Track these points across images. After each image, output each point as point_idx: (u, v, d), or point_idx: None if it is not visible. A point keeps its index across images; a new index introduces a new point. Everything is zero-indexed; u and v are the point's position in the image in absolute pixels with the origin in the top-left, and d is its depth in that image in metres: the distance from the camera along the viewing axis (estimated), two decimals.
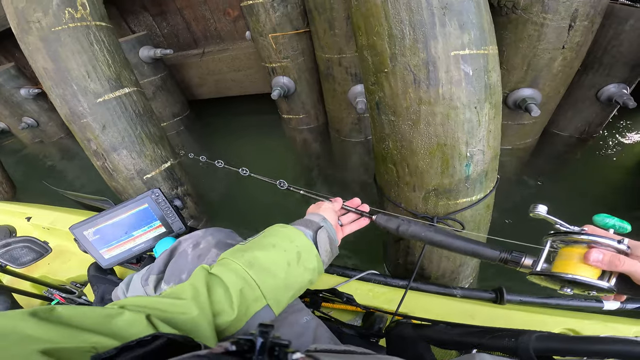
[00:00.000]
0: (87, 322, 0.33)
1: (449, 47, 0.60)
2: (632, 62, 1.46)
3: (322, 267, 0.60)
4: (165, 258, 0.64)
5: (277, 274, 0.52)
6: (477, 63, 0.62)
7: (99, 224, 0.85)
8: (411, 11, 0.59)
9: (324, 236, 0.61)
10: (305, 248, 0.57)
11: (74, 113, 1.34)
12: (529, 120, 1.62)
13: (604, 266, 0.43)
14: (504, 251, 0.58)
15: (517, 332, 0.49)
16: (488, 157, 0.79)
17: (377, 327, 0.84)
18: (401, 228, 0.68)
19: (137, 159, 1.48)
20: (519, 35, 1.30)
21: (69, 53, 1.25)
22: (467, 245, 0.62)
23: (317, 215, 0.66)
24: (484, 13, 0.60)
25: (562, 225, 0.48)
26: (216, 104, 3.05)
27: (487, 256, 0.60)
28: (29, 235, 1.05)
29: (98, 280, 0.96)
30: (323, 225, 0.63)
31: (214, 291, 0.46)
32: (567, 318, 0.79)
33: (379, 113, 0.80)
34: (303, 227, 0.61)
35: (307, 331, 0.59)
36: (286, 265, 0.53)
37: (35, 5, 1.18)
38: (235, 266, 0.50)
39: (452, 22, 0.58)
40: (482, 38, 0.61)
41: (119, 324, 0.35)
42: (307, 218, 0.66)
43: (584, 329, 0.77)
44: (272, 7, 1.75)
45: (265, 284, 0.50)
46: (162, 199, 0.90)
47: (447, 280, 1.12)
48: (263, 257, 0.52)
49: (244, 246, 0.56)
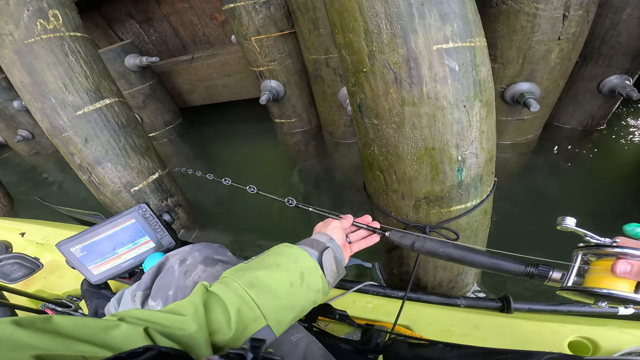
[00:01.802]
0: (83, 333, 0.33)
1: (430, 41, 0.53)
2: (632, 52, 1.40)
3: (327, 288, 0.58)
4: (152, 274, 0.65)
5: (278, 295, 0.51)
6: (464, 57, 0.56)
7: (86, 240, 0.85)
8: (386, 3, 0.52)
9: (329, 257, 0.60)
10: (310, 269, 0.56)
11: (55, 127, 1.31)
12: (529, 115, 1.55)
13: (632, 277, 0.41)
14: (530, 265, 0.55)
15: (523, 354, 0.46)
16: (482, 160, 0.73)
17: (374, 342, 0.79)
18: (416, 245, 0.65)
19: (123, 172, 1.45)
20: (512, 27, 1.24)
21: (44, 65, 1.22)
22: (489, 260, 0.59)
23: (324, 235, 0.64)
24: (467, 2, 0.54)
25: (592, 238, 0.46)
26: (208, 110, 3.01)
27: (512, 271, 0.56)
28: (20, 252, 1.08)
29: (91, 294, 0.96)
30: (330, 245, 0.61)
31: (212, 309, 0.46)
32: (580, 325, 0.74)
33: (362, 116, 0.74)
34: (309, 247, 0.60)
35: (296, 349, 0.58)
36: (289, 286, 0.52)
37: (6, 18, 1.16)
38: (236, 286, 0.49)
39: (432, 12, 0.51)
40: (466, 29, 0.54)
41: (115, 336, 0.35)
42: (313, 238, 0.64)
43: (600, 336, 0.72)
44: (255, 9, 1.70)
45: (266, 304, 0.49)
46: (149, 214, 0.89)
47: (444, 289, 1.06)
48: (265, 276, 0.51)
49: (246, 265, 0.55)
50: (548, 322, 0.77)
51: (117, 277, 0.92)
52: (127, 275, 0.96)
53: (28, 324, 0.31)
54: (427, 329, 0.81)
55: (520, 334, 0.76)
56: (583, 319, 0.77)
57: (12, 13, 1.15)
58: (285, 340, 0.59)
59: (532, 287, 1.20)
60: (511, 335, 0.76)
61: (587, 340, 0.72)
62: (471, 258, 0.60)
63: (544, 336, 0.74)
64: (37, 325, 0.31)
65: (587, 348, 0.72)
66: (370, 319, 0.86)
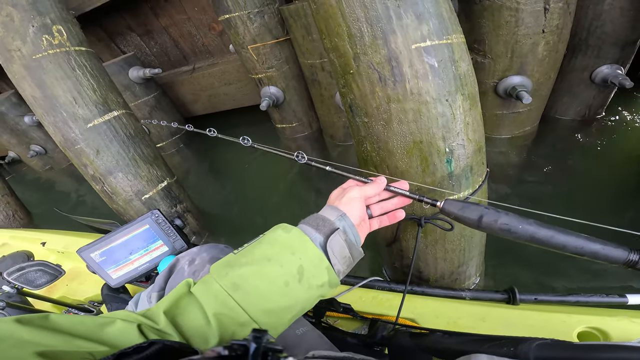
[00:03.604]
0: (80, 330, 0.33)
1: (409, 41, 0.57)
2: (620, 42, 1.41)
3: (337, 279, 0.49)
4: (164, 275, 0.66)
5: (269, 298, 0.44)
6: (442, 54, 0.59)
7: (104, 246, 0.90)
8: (365, 7, 0.56)
9: (338, 241, 0.49)
10: (312, 260, 0.47)
11: (67, 139, 1.36)
12: (524, 108, 1.57)
13: None
14: (633, 252, 0.44)
15: (517, 339, 0.45)
16: (470, 150, 0.76)
17: (379, 335, 0.81)
18: (485, 219, 0.49)
19: (134, 181, 1.50)
20: (497, 22, 1.27)
21: (53, 80, 1.27)
22: (584, 243, 0.46)
23: (335, 210, 0.53)
24: (441, 1, 0.58)
25: None
26: (212, 119, 3.07)
27: (611, 258, 0.45)
28: (42, 260, 1.11)
29: (111, 299, 1.01)
30: (339, 226, 0.50)
31: (186, 313, 0.42)
32: (589, 316, 0.72)
33: (353, 115, 0.78)
34: (312, 228, 0.50)
35: (301, 343, 0.57)
36: (283, 285, 0.44)
37: (12, 34, 1.20)
38: (216, 287, 0.43)
39: (408, 13, 0.55)
40: (442, 27, 0.58)
41: (110, 332, 0.35)
42: (320, 214, 0.53)
43: (610, 326, 0.70)
44: (249, 18, 1.75)
45: (255, 307, 0.43)
46: (162, 219, 0.93)
47: (447, 281, 1.08)
48: (252, 275, 0.44)
49: (234, 258, 0.47)
50: (556, 312, 0.75)
51: (134, 281, 0.97)
52: (143, 279, 1.01)
53: (28, 322, 0.31)
54: (433, 321, 0.81)
55: (527, 324, 0.75)
56: (592, 309, 0.75)
57: (18, 29, 1.20)
58: (289, 334, 0.58)
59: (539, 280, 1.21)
60: (519, 326, 0.75)
61: (596, 331, 0.71)
62: (562, 241, 0.46)
63: (552, 327, 0.73)
64: (36, 323, 0.32)
65: (596, 338, 0.70)
66: (377, 314, 0.87)
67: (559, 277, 1.20)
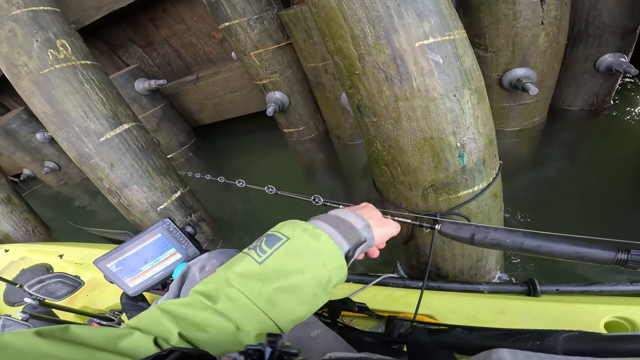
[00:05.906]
0: (100, 342, 0.33)
1: (412, 39, 0.58)
2: (619, 30, 1.40)
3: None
4: (178, 283, 0.68)
5: (298, 310, 0.43)
6: (445, 50, 0.60)
7: (119, 256, 0.91)
8: (366, 8, 0.57)
9: (360, 253, 0.49)
10: (337, 270, 0.45)
11: (82, 154, 1.37)
12: (531, 100, 1.56)
13: None
14: (621, 251, 0.48)
15: (543, 333, 0.44)
16: (481, 144, 0.75)
17: (397, 332, 0.80)
18: (477, 237, 0.56)
19: (148, 192, 1.50)
20: (495, 15, 1.28)
21: (63, 95, 1.27)
22: (570, 249, 0.50)
23: (361, 219, 0.51)
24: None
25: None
26: (220, 127, 3.09)
27: (600, 259, 0.49)
28: (61, 272, 1.13)
29: (130, 307, 1.01)
30: (366, 238, 0.49)
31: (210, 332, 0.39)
32: (615, 305, 0.69)
33: (362, 116, 0.78)
34: (341, 235, 0.47)
35: (316, 345, 0.57)
36: (312, 297, 0.43)
37: (18, 49, 1.21)
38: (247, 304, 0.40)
39: (409, 12, 0.56)
40: (443, 24, 0.59)
41: (126, 344, 0.35)
42: (348, 221, 0.50)
43: (638, 316, 0.67)
44: (249, 25, 1.76)
45: (285, 320, 0.42)
46: (173, 228, 0.94)
47: (466, 277, 1.06)
48: (287, 291, 0.41)
49: (261, 270, 0.42)
50: (580, 303, 0.72)
51: (151, 289, 0.97)
52: (160, 287, 1.01)
53: (48, 334, 0.31)
54: (451, 317, 0.79)
55: (550, 316, 0.72)
56: (618, 298, 0.73)
57: (22, 44, 1.20)
58: (304, 337, 0.58)
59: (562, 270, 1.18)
60: (541, 318, 0.72)
61: (624, 321, 0.68)
62: (548, 248, 0.51)
63: (577, 317, 0.70)
64: (56, 335, 0.31)
65: (625, 329, 0.68)
66: (393, 311, 0.86)
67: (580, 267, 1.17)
